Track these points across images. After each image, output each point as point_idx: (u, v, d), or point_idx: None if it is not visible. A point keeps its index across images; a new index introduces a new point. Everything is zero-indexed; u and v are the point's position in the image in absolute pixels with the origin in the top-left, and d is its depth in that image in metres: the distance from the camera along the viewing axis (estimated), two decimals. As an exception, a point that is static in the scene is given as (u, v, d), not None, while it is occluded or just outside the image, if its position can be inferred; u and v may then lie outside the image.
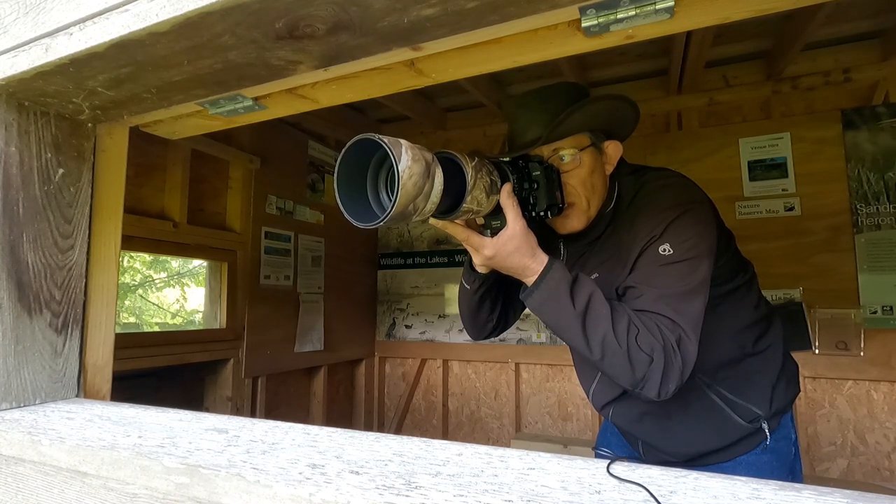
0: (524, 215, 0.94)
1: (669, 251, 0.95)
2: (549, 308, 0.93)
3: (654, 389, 0.89)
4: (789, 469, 1.15)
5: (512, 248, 0.92)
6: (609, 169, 1.11)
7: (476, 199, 0.85)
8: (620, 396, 1.16)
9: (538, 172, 1.00)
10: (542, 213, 1.02)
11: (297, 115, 2.59)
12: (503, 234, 0.92)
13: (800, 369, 1.25)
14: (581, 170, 1.04)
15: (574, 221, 1.07)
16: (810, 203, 2.49)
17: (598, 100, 1.06)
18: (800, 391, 1.15)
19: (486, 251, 0.93)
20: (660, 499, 0.42)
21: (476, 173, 0.84)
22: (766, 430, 1.10)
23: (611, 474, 0.48)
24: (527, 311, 1.11)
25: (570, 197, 1.05)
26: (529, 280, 0.95)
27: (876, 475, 2.33)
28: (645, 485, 0.45)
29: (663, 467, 0.50)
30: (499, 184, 0.91)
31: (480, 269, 1.07)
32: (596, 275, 1.09)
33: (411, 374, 3.34)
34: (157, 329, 7.70)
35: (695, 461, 1.13)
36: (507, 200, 0.91)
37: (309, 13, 0.55)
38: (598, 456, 1.36)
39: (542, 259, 0.94)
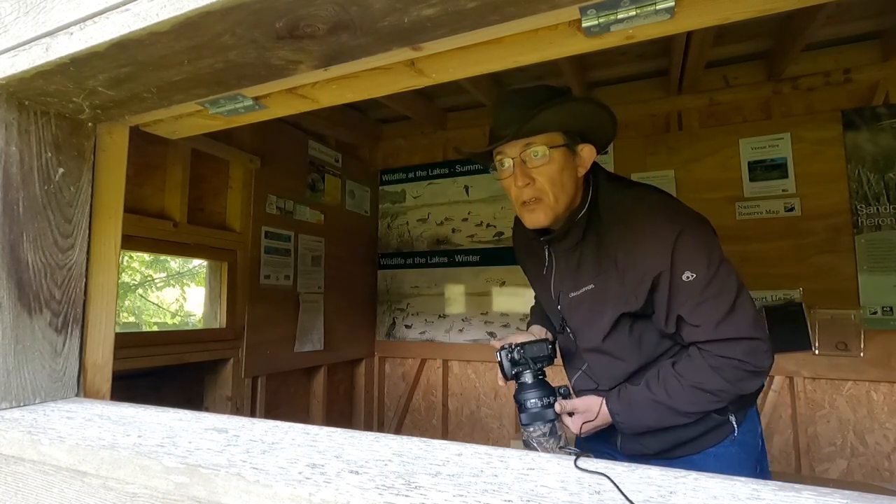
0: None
1: (692, 275, 1.04)
2: (636, 416, 1.12)
3: (754, 390, 1.09)
4: (756, 461, 1.20)
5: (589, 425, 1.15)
6: (581, 171, 1.16)
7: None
8: (597, 388, 1.23)
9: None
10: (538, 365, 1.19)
11: (297, 115, 2.59)
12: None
13: (798, 370, 1.29)
14: (551, 166, 1.10)
15: (540, 216, 1.13)
16: (810, 203, 2.49)
17: (571, 100, 1.13)
18: (764, 384, 1.21)
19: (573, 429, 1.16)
20: (659, 499, 0.42)
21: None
22: (734, 423, 1.15)
23: (612, 482, 0.48)
24: (527, 311, 1.22)
25: (537, 192, 1.11)
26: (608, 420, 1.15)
27: (876, 476, 2.33)
28: (613, 481, 0.45)
29: (663, 468, 0.50)
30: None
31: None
32: (591, 286, 1.16)
33: (411, 374, 3.34)
34: (155, 329, 7.69)
35: (668, 452, 1.18)
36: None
37: (309, 13, 0.55)
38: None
39: (605, 413, 1.14)
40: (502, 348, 1.21)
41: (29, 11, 0.66)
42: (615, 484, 0.45)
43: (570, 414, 1.17)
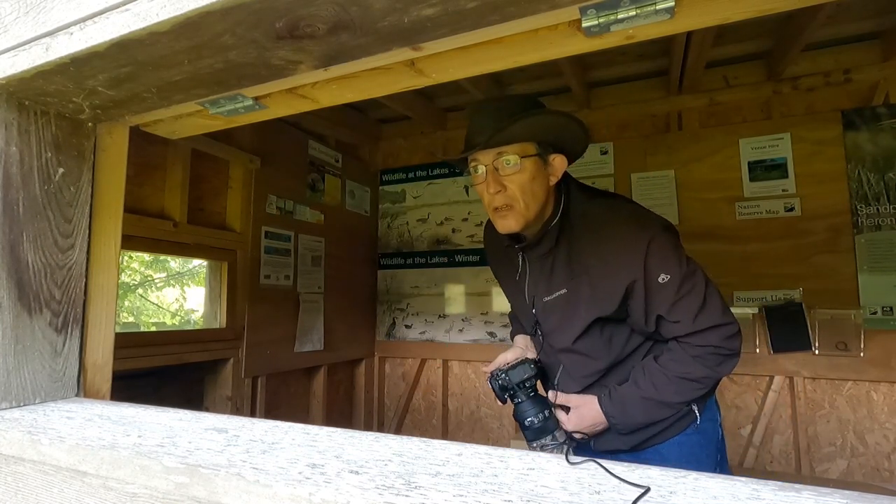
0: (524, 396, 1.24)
1: (666, 277, 1.12)
2: (629, 414, 1.18)
3: (730, 371, 1.17)
4: (716, 447, 1.27)
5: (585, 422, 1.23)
6: (553, 180, 1.21)
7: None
8: (574, 384, 1.28)
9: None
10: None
11: (297, 115, 2.59)
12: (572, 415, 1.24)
13: (798, 370, 1.33)
14: (522, 175, 1.15)
15: (511, 221, 1.17)
16: (810, 203, 2.49)
17: (544, 113, 1.17)
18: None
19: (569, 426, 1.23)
20: (659, 499, 0.42)
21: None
22: (696, 412, 1.22)
23: (610, 473, 0.48)
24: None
25: (509, 199, 1.16)
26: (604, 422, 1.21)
27: (876, 476, 2.33)
28: (648, 485, 0.45)
29: (662, 468, 0.50)
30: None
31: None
32: (564, 290, 1.22)
33: (411, 374, 3.34)
34: (154, 329, 7.70)
35: (639, 445, 1.24)
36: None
37: (309, 13, 0.55)
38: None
39: (598, 414, 1.21)
40: (492, 375, 1.29)
41: (29, 11, 0.66)
42: (605, 468, 0.45)
43: (566, 410, 1.25)
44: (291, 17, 0.56)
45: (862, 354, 2.35)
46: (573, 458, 0.52)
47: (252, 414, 2.44)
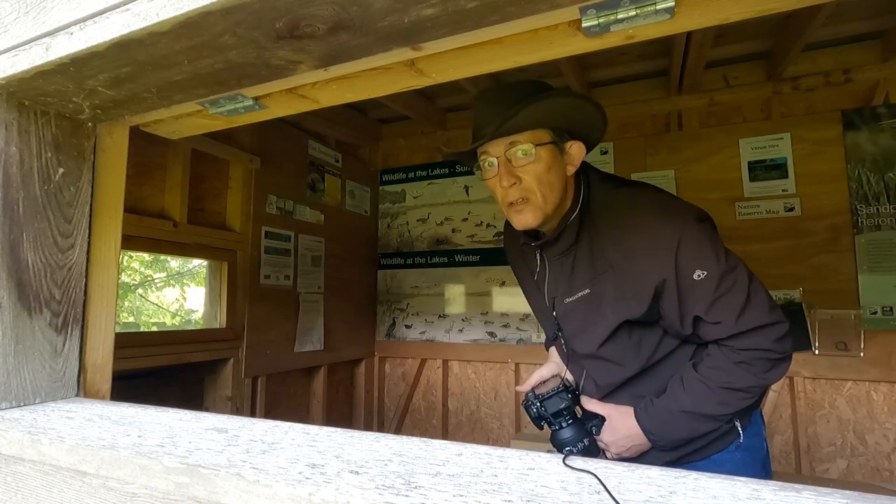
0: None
1: (702, 273, 1.00)
2: (670, 430, 1.09)
3: (780, 378, 1.05)
4: (762, 465, 1.16)
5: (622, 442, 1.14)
6: (571, 170, 1.10)
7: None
8: (606, 395, 1.19)
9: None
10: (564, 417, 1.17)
11: (297, 115, 2.59)
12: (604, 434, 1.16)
13: (798, 370, 1.27)
14: (537, 165, 1.05)
15: (528, 216, 1.07)
16: (810, 204, 2.49)
17: (556, 95, 1.05)
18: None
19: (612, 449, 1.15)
20: (659, 499, 0.42)
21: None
22: (739, 428, 1.11)
23: (598, 480, 0.48)
24: (528, 311, 1.19)
25: (524, 192, 1.06)
26: (645, 441, 1.12)
27: (876, 476, 2.33)
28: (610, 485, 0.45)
29: (662, 468, 0.50)
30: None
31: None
32: (587, 290, 1.11)
33: (411, 374, 3.34)
34: (154, 329, 7.70)
35: (673, 463, 1.14)
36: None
37: (309, 13, 0.55)
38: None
39: (638, 434, 1.11)
40: (526, 400, 1.19)
41: (29, 11, 0.66)
42: (601, 482, 0.45)
43: (596, 418, 1.17)
44: (291, 17, 0.56)
45: (862, 354, 2.35)
46: (570, 462, 0.51)
47: (252, 414, 2.44)
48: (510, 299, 3.08)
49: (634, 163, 2.83)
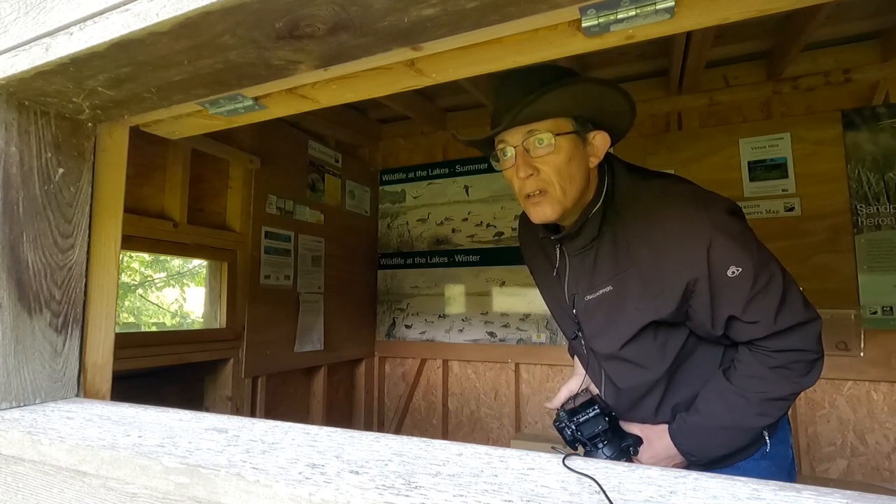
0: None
1: (737, 270, 0.94)
2: (707, 448, 1.04)
3: (817, 379, 0.99)
4: (786, 474, 1.12)
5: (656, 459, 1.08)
6: (594, 161, 1.05)
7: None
8: (618, 395, 1.15)
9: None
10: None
11: (297, 115, 2.59)
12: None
13: None
14: (557, 156, 0.99)
15: (546, 209, 1.01)
16: (810, 203, 2.49)
17: (581, 81, 0.99)
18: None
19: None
20: (659, 499, 0.42)
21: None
22: (766, 436, 1.07)
23: (597, 483, 0.48)
24: (527, 311, 1.15)
25: (542, 184, 1.00)
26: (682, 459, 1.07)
27: (876, 475, 2.33)
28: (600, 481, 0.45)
29: (662, 468, 0.50)
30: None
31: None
32: (609, 287, 1.06)
33: (411, 374, 3.34)
34: (154, 329, 7.70)
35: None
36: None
37: (309, 13, 0.55)
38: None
39: (674, 450, 1.06)
40: (559, 421, 1.12)
41: (29, 11, 0.66)
42: (600, 486, 0.45)
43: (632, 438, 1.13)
44: (291, 18, 0.56)
45: (862, 354, 2.35)
46: (570, 463, 0.51)
47: (252, 414, 2.44)
48: (510, 299, 3.08)
49: (634, 162, 2.83)
